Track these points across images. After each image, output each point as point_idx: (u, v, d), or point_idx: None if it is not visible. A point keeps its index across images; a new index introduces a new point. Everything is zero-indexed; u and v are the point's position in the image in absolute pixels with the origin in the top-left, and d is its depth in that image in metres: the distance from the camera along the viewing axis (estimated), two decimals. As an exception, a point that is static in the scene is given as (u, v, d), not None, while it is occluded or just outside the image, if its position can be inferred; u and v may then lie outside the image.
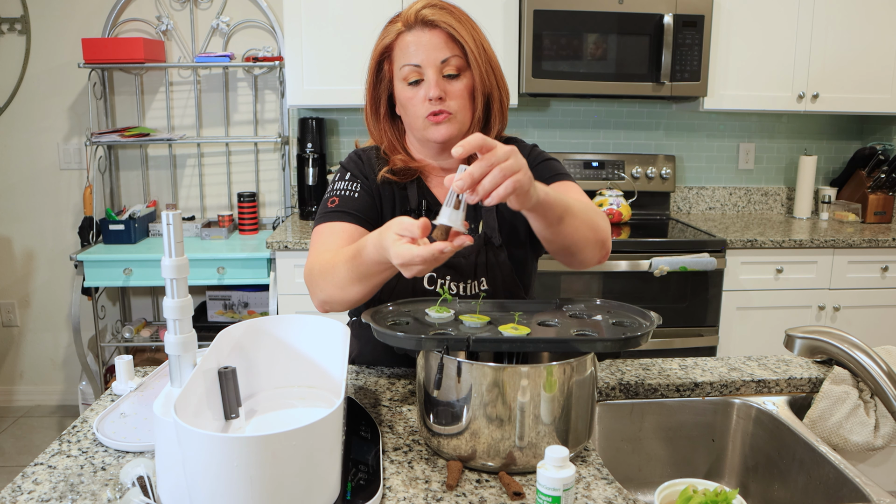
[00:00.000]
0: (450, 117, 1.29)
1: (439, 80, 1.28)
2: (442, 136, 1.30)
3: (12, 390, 3.50)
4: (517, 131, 3.54)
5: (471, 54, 1.28)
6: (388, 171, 1.37)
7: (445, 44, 1.28)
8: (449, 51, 1.28)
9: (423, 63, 1.28)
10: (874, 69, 3.13)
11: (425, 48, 1.27)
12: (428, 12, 1.28)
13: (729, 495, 0.92)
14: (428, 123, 1.30)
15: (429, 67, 1.27)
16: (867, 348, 1.27)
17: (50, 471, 1.02)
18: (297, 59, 2.89)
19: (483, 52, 1.30)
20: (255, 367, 1.11)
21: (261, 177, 3.36)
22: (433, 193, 1.40)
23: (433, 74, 1.27)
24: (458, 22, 1.28)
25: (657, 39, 2.91)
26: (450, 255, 1.01)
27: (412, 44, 1.28)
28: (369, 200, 1.36)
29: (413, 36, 1.28)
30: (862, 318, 3.00)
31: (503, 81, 1.35)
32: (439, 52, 1.27)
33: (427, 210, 1.37)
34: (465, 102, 1.31)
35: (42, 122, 3.26)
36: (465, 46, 1.28)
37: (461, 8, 1.33)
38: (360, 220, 1.32)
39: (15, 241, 3.36)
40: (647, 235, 2.98)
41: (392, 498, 0.95)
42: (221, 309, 3.12)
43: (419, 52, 1.27)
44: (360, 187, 1.36)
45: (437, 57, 1.27)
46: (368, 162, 1.40)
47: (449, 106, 1.29)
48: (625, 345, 1.02)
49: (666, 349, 2.87)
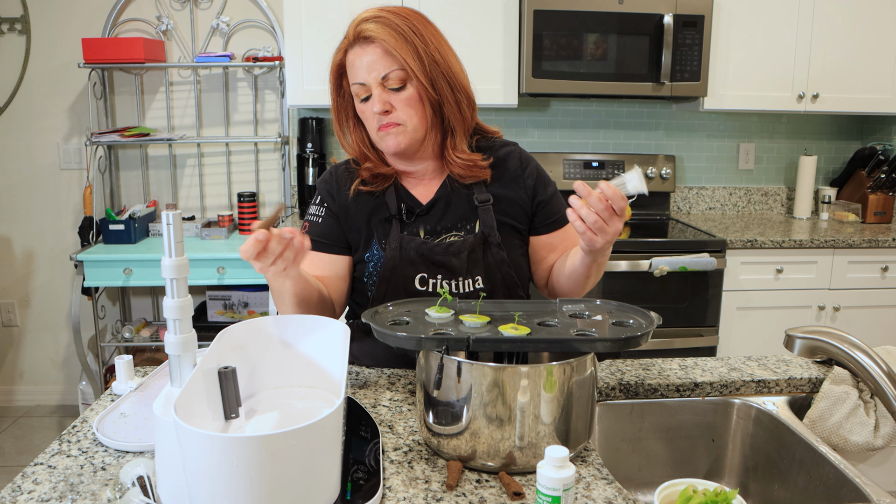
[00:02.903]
0: (398, 128, 1.31)
1: (382, 94, 1.29)
2: (391, 146, 1.33)
3: (12, 390, 3.50)
4: (517, 131, 3.56)
5: (409, 69, 1.28)
6: (361, 183, 1.39)
7: (383, 59, 1.28)
8: (387, 66, 1.28)
9: (366, 81, 1.30)
10: (874, 69, 3.13)
11: (367, 66, 1.29)
12: (365, 27, 1.28)
13: (729, 495, 0.92)
14: (381, 135, 1.33)
15: (373, 85, 1.30)
16: (867, 348, 1.27)
17: (50, 471, 1.02)
18: (297, 59, 2.89)
19: (428, 60, 1.29)
20: (255, 367, 1.11)
21: (261, 177, 3.36)
22: (412, 195, 1.40)
23: (377, 89, 1.29)
24: (395, 34, 1.27)
25: (657, 39, 2.91)
26: (261, 239, 1.07)
27: (356, 61, 1.30)
28: (333, 223, 1.41)
29: (354, 54, 1.30)
30: (862, 318, 3.00)
31: (459, 82, 1.33)
32: (378, 68, 1.28)
33: (408, 212, 1.38)
34: (414, 111, 1.31)
35: (42, 122, 3.26)
36: (399, 59, 1.27)
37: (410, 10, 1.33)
38: (324, 245, 1.40)
39: (15, 241, 3.36)
40: (647, 235, 2.98)
41: (392, 498, 0.95)
42: (221, 309, 3.12)
43: (361, 69, 1.29)
44: (326, 212, 1.42)
45: (377, 74, 1.29)
46: (337, 181, 1.43)
47: (397, 117, 1.31)
48: (625, 345, 1.02)
49: (666, 349, 2.87)
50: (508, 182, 1.41)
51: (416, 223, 1.38)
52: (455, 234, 1.37)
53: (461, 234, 1.37)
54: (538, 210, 1.43)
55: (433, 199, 1.39)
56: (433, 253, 1.35)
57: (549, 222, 1.44)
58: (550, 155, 3.31)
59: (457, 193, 1.39)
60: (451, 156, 1.37)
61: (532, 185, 1.42)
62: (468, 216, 1.38)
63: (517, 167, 1.43)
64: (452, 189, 1.40)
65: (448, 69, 1.32)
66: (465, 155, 1.37)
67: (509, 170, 1.42)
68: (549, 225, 1.44)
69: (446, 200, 1.39)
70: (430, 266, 1.35)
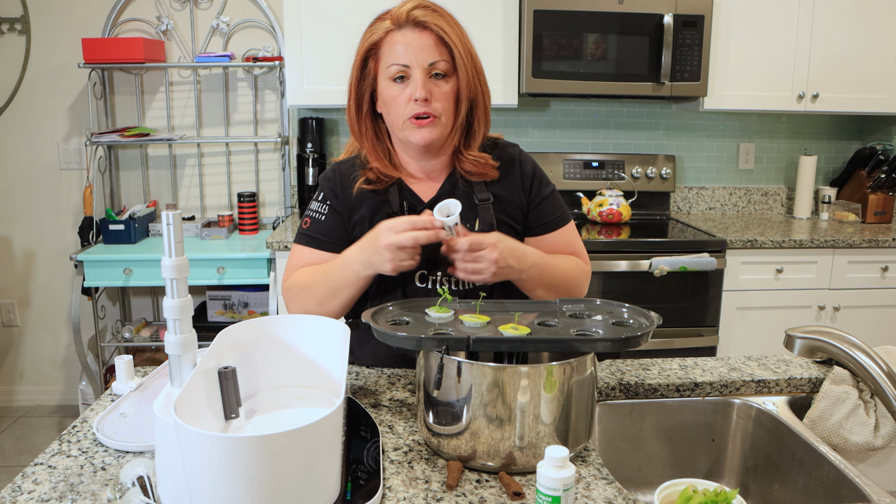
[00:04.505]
0: (434, 121, 1.31)
1: (426, 82, 1.29)
2: (424, 139, 1.32)
3: (12, 390, 3.50)
4: (517, 131, 3.56)
5: (458, 58, 1.29)
6: (364, 182, 1.39)
7: (434, 46, 1.29)
8: (438, 53, 1.29)
9: (411, 63, 1.28)
10: (874, 69, 3.13)
11: (415, 49, 1.28)
12: (419, 13, 1.29)
13: (729, 495, 0.92)
14: (410, 125, 1.32)
15: (416, 68, 1.28)
16: (867, 348, 1.27)
17: (50, 471, 1.02)
18: (296, 59, 2.89)
19: (470, 57, 1.32)
20: (255, 367, 1.11)
21: (261, 177, 3.36)
22: (414, 193, 1.41)
23: (420, 75, 1.28)
24: (448, 25, 1.30)
25: (657, 39, 2.91)
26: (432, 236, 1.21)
27: (401, 43, 1.29)
28: (336, 222, 1.41)
29: (402, 35, 1.29)
30: (862, 318, 3.00)
31: (486, 86, 1.37)
32: (428, 53, 1.28)
33: (409, 211, 1.38)
34: (450, 105, 1.32)
35: (42, 122, 3.26)
36: (453, 50, 1.29)
37: (450, 12, 1.35)
38: (325, 244, 1.41)
39: (15, 241, 3.36)
40: (647, 235, 2.98)
41: (392, 498, 0.95)
42: (221, 309, 3.12)
43: (408, 51, 1.28)
44: (329, 209, 1.41)
45: (425, 58, 1.28)
46: (341, 177, 1.42)
47: (434, 108, 1.30)
48: (625, 345, 1.02)
49: (666, 349, 2.87)
50: (508, 182, 1.42)
51: None
52: None
53: None
54: (532, 209, 1.43)
55: (435, 196, 1.40)
56: (433, 250, 1.35)
57: (542, 223, 1.44)
58: (550, 155, 3.31)
59: (458, 192, 1.40)
60: (463, 154, 1.39)
61: (529, 185, 1.43)
62: (468, 214, 1.38)
63: (517, 168, 1.43)
64: (454, 187, 1.40)
65: (482, 71, 1.35)
66: (476, 154, 1.38)
67: (510, 170, 1.43)
68: (542, 226, 1.44)
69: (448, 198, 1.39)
70: (429, 263, 1.35)
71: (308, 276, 1.38)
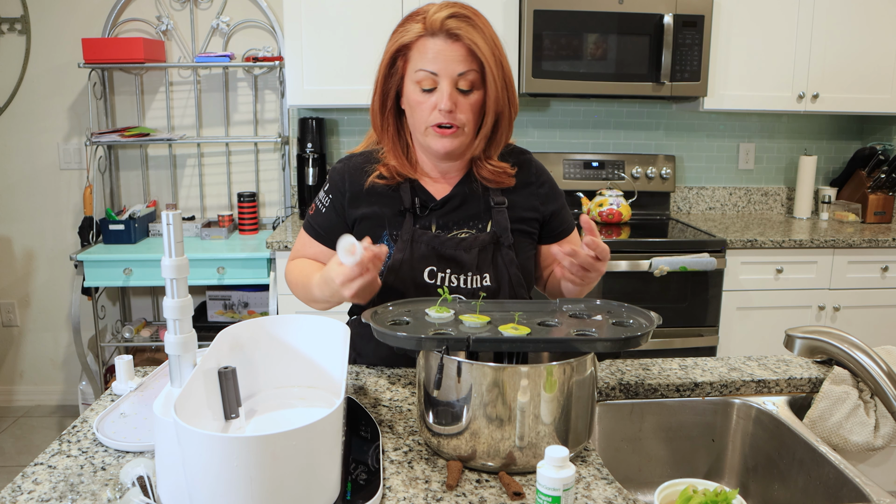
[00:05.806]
0: (457, 131, 1.31)
1: (452, 93, 1.28)
2: (444, 148, 1.32)
3: (12, 390, 3.50)
4: (517, 131, 3.56)
5: (489, 73, 1.28)
6: (378, 176, 1.39)
7: (465, 58, 1.27)
8: (467, 65, 1.27)
9: (440, 72, 1.27)
10: (874, 69, 3.13)
11: (445, 59, 1.27)
12: (453, 23, 1.26)
13: (729, 495, 0.92)
14: (432, 132, 1.31)
15: (445, 78, 1.27)
16: (867, 348, 1.27)
17: (50, 471, 1.02)
18: (296, 59, 2.89)
19: (500, 69, 1.30)
20: (255, 367, 1.11)
21: (261, 177, 3.36)
22: (427, 191, 1.40)
23: (447, 86, 1.27)
24: (481, 37, 1.27)
25: (657, 39, 2.91)
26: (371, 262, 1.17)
27: (431, 51, 1.27)
28: (334, 218, 1.42)
29: (434, 43, 1.27)
30: (862, 318, 3.00)
31: (515, 98, 1.36)
32: (458, 65, 1.27)
33: (421, 207, 1.38)
34: (474, 117, 1.31)
35: (42, 122, 3.26)
36: (483, 64, 1.27)
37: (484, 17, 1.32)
38: (320, 237, 1.43)
39: (15, 241, 3.36)
40: (647, 235, 2.98)
41: (392, 498, 0.95)
42: (221, 309, 3.12)
43: (438, 60, 1.27)
44: (330, 204, 1.42)
45: (454, 70, 1.27)
46: (351, 170, 1.42)
47: (458, 119, 1.30)
48: (625, 345, 1.02)
49: (666, 349, 2.87)
50: (522, 189, 1.43)
51: (429, 217, 1.38)
52: (466, 231, 1.38)
53: (472, 231, 1.38)
54: (547, 221, 1.46)
55: (448, 196, 1.40)
56: (444, 247, 1.35)
57: (556, 233, 1.47)
58: (550, 155, 3.31)
59: (473, 193, 1.40)
60: (482, 162, 1.39)
61: (545, 194, 1.44)
62: (481, 216, 1.39)
63: (532, 176, 1.45)
64: (469, 189, 1.40)
65: (511, 82, 1.33)
66: (496, 163, 1.39)
67: (524, 177, 1.44)
68: (556, 235, 1.48)
69: (461, 198, 1.40)
70: (440, 260, 1.35)
71: (296, 276, 1.42)
